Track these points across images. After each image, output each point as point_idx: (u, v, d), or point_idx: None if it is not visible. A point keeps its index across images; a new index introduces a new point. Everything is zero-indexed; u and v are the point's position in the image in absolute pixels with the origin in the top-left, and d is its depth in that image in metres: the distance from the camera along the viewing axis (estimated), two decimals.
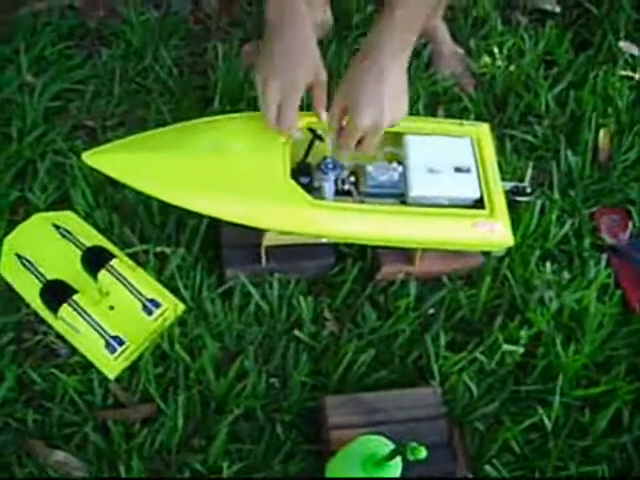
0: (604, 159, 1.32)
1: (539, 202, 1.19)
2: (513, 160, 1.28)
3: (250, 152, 0.97)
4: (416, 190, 0.99)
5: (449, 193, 1.00)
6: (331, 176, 0.99)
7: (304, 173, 1.00)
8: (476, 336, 1.10)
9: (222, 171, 0.94)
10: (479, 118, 1.33)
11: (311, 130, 1.00)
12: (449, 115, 1.32)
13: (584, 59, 1.43)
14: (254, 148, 0.97)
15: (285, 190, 0.94)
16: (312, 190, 0.99)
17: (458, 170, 1.01)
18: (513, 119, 1.35)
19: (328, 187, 0.98)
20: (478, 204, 1.01)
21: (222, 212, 0.94)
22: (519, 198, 1.11)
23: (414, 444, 0.71)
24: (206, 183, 0.94)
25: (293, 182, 0.95)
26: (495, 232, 0.98)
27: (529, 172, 1.21)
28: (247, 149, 0.97)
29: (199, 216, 1.04)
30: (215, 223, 1.08)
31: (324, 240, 1.02)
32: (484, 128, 1.08)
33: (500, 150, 1.28)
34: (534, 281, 1.13)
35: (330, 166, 0.98)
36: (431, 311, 1.12)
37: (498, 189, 1.02)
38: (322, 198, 0.98)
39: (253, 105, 1.30)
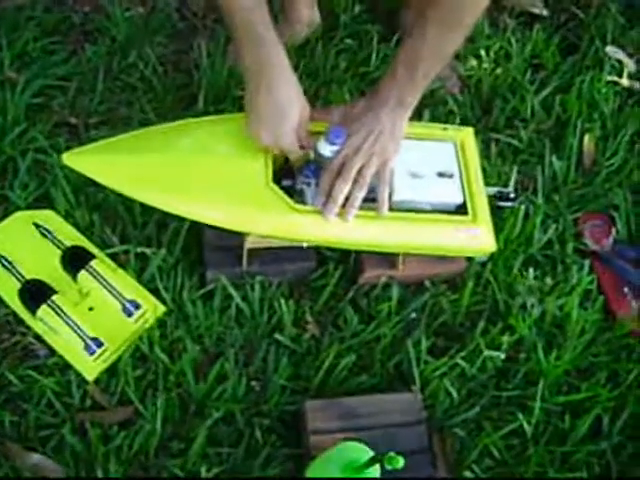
0: (589, 164, 1.32)
1: (523, 207, 1.19)
2: (498, 164, 1.28)
3: (232, 155, 0.96)
4: (399, 195, 0.98)
5: (432, 198, 0.99)
6: (313, 180, 0.98)
7: (287, 176, 0.99)
8: (458, 341, 1.10)
9: (203, 174, 0.94)
10: (465, 121, 1.33)
11: None
12: (434, 118, 1.31)
13: (571, 63, 1.44)
14: (237, 151, 0.96)
15: (266, 194, 0.94)
16: (294, 193, 0.98)
17: (441, 175, 1.01)
18: (499, 123, 1.35)
19: (310, 191, 0.98)
20: (461, 209, 1.00)
21: (202, 216, 0.94)
22: (503, 204, 1.10)
23: (392, 454, 0.71)
24: (186, 186, 0.93)
25: (275, 186, 0.95)
26: (477, 238, 0.98)
27: (513, 177, 1.21)
28: (229, 152, 0.96)
29: (181, 217, 1.03)
30: (197, 224, 1.07)
31: (305, 245, 1.01)
32: (468, 133, 1.08)
33: (485, 154, 1.28)
34: (517, 286, 1.13)
35: (313, 170, 0.98)
36: (413, 315, 1.12)
37: (481, 194, 1.01)
38: (303, 202, 0.97)
39: (237, 104, 1.29)
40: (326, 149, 0.94)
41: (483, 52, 1.42)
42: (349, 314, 1.09)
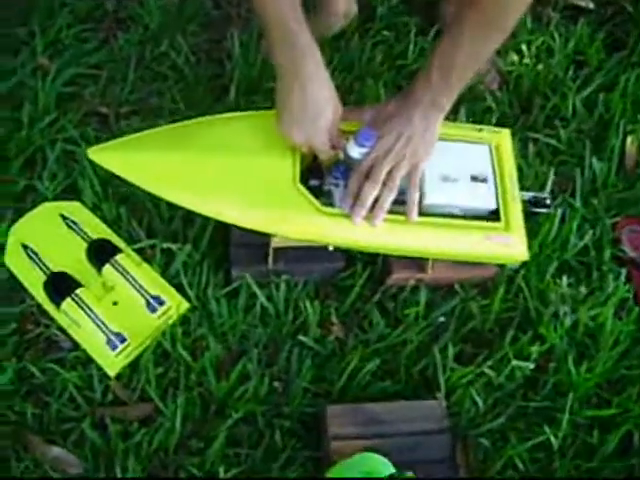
0: (630, 167, 1.28)
1: (560, 211, 1.15)
2: (535, 164, 1.24)
3: (259, 153, 0.94)
4: (430, 198, 0.95)
5: (464, 203, 0.96)
6: (342, 182, 0.95)
7: (315, 175, 0.97)
8: (486, 348, 1.07)
9: (228, 173, 0.92)
10: (502, 118, 1.29)
11: None
12: (471, 114, 1.27)
13: (616, 60, 1.38)
14: (264, 149, 0.94)
15: (293, 195, 0.92)
16: (321, 194, 0.96)
17: (474, 179, 0.98)
18: (538, 121, 1.30)
19: (338, 193, 0.95)
20: (494, 215, 0.97)
21: (226, 215, 0.92)
22: (537, 210, 1.07)
23: (410, 474, 0.69)
24: (211, 185, 0.92)
25: (302, 187, 0.93)
26: (509, 246, 0.95)
27: (550, 180, 1.17)
28: (256, 150, 0.94)
29: None
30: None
31: (330, 247, 0.99)
32: (505, 134, 1.04)
33: (522, 153, 1.24)
34: (549, 294, 1.10)
35: (342, 171, 0.95)
36: (441, 319, 1.10)
37: (516, 200, 0.98)
38: (331, 204, 0.94)
39: (269, 97, 1.25)
40: (355, 151, 0.92)
41: (524, 47, 1.37)
42: (375, 317, 1.07)
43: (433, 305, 1.09)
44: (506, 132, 1.04)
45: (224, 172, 0.92)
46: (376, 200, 0.92)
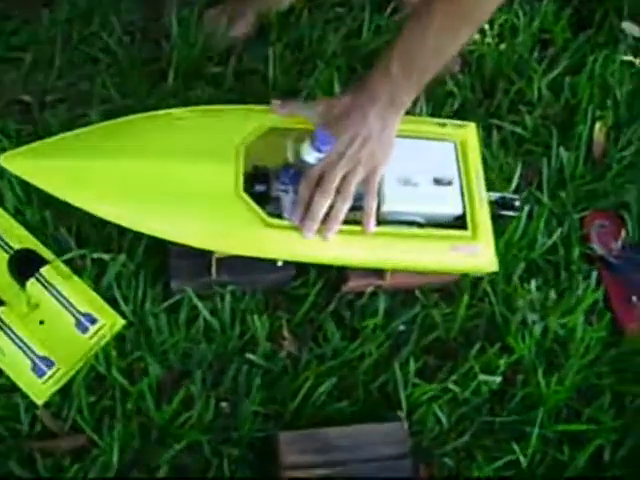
0: (598, 156, 1.20)
1: (526, 207, 1.07)
2: (500, 156, 1.16)
3: (195, 156, 0.83)
4: (389, 205, 0.86)
5: (426, 209, 0.88)
6: (291, 187, 0.86)
7: (260, 180, 0.87)
8: (450, 360, 1.00)
9: (160, 180, 0.81)
10: (465, 104, 1.20)
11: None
12: (431, 100, 1.18)
13: (583, 40, 1.30)
14: (202, 152, 0.83)
15: (236, 206, 0.82)
16: (268, 201, 0.86)
17: (438, 182, 0.89)
18: (502, 107, 1.22)
19: (287, 200, 0.85)
20: (459, 221, 0.89)
21: (158, 231, 0.82)
22: (506, 212, 0.98)
23: None
24: (140, 195, 0.81)
25: (246, 195, 0.82)
26: (477, 256, 0.87)
27: (517, 175, 1.09)
28: (192, 152, 0.83)
29: None
30: None
31: (280, 262, 0.90)
32: (470, 129, 0.95)
33: (486, 142, 1.16)
34: (517, 299, 1.03)
35: (291, 175, 0.85)
36: (401, 327, 1.01)
37: (483, 204, 0.90)
38: (278, 214, 0.85)
39: (212, 83, 1.16)
40: (311, 155, 0.82)
41: (487, 25, 1.27)
42: (330, 328, 0.99)
43: (392, 313, 1.01)
44: (472, 127, 0.95)
45: (153, 179, 0.81)
46: (329, 210, 0.83)
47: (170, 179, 0.82)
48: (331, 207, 0.83)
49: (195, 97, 1.13)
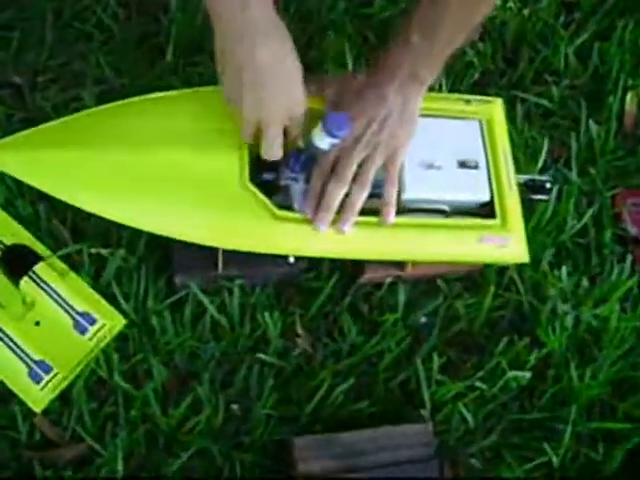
0: (630, 129, 1.12)
1: (555, 187, 0.99)
2: (525, 130, 1.08)
3: (198, 144, 0.76)
4: (410, 192, 0.79)
5: (451, 195, 0.80)
6: (301, 175, 0.78)
7: (267, 167, 0.79)
8: (475, 354, 0.93)
9: (158, 172, 0.74)
10: (486, 75, 1.12)
11: None
12: (450, 73, 1.10)
13: (611, 3, 1.20)
14: (204, 139, 0.76)
15: (242, 197, 0.74)
16: (277, 191, 0.79)
17: (463, 165, 0.81)
18: (526, 77, 1.13)
19: (297, 190, 0.78)
20: (486, 208, 0.81)
21: (159, 228, 0.75)
22: (536, 197, 0.90)
23: None
24: (137, 189, 0.74)
25: (252, 186, 0.75)
26: (507, 248, 0.79)
27: (544, 151, 1.01)
28: (194, 140, 0.76)
29: None
30: None
31: (291, 259, 0.83)
32: (497, 105, 0.87)
33: (509, 116, 1.07)
34: (547, 288, 0.95)
35: (301, 162, 0.78)
36: (423, 319, 0.95)
37: (512, 189, 0.82)
38: (289, 204, 0.77)
39: (214, 59, 1.07)
40: (324, 141, 0.74)
41: None
42: (347, 323, 0.92)
43: (413, 305, 0.95)
44: (498, 103, 0.88)
45: (149, 171, 0.74)
46: (344, 199, 0.76)
47: (168, 170, 0.74)
48: (346, 196, 0.76)
49: (197, 74, 1.05)
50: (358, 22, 1.14)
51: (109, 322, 0.87)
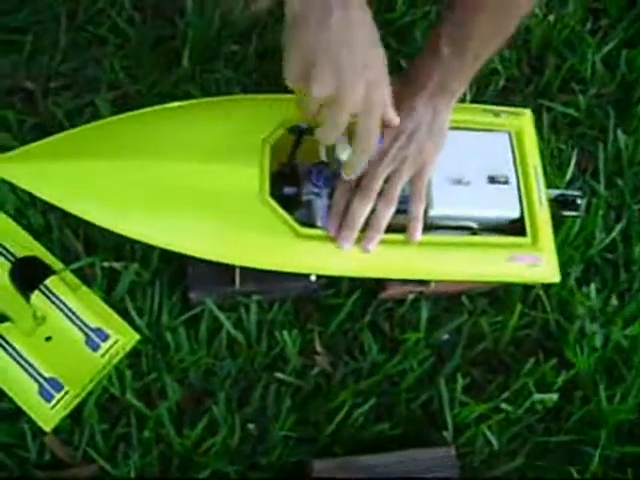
0: None
1: (583, 201, 0.96)
2: (552, 140, 1.04)
3: (216, 157, 0.73)
4: (438, 208, 0.76)
5: (481, 212, 0.77)
6: (325, 190, 0.75)
7: (289, 181, 0.76)
8: (500, 374, 0.90)
9: (174, 186, 0.71)
10: (510, 82, 1.09)
11: (295, 129, 0.76)
12: (473, 80, 1.06)
13: (639, 9, 1.17)
14: (220, 150, 0.73)
15: (261, 214, 0.71)
16: (298, 206, 0.76)
17: (492, 180, 0.78)
18: (552, 85, 1.10)
19: (320, 206, 0.75)
20: (516, 224, 0.78)
21: (173, 244, 0.72)
22: (568, 213, 0.87)
23: None
24: (151, 204, 0.71)
25: (273, 202, 0.72)
26: (537, 267, 0.76)
27: (573, 162, 0.98)
28: (212, 152, 0.73)
29: None
30: None
31: (313, 277, 0.80)
32: (526, 117, 0.84)
33: (536, 126, 1.03)
34: (575, 306, 0.92)
35: (324, 177, 0.74)
36: (445, 336, 0.92)
37: (543, 205, 0.79)
38: (311, 221, 0.74)
39: (232, 64, 1.05)
40: (348, 154, 0.70)
41: None
42: (368, 340, 0.89)
43: (436, 322, 0.91)
44: (528, 114, 0.84)
45: (164, 184, 0.71)
46: (369, 216, 0.72)
47: (184, 183, 0.71)
48: (371, 213, 0.73)
49: (214, 80, 1.02)
50: (378, 27, 1.10)
51: (122, 338, 0.84)
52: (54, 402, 0.81)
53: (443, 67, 0.72)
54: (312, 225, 0.74)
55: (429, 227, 0.76)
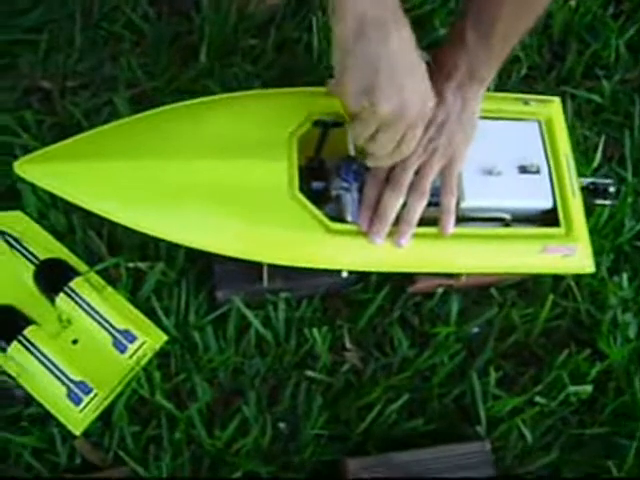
0: None
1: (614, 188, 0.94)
2: (576, 127, 1.02)
3: (241, 153, 0.71)
4: (470, 200, 0.74)
5: (513, 203, 0.75)
6: (354, 185, 0.74)
7: (317, 175, 0.75)
8: (531, 367, 0.88)
9: (200, 183, 0.70)
10: (532, 70, 1.07)
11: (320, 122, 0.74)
12: None
13: None
14: (247, 146, 0.71)
15: (291, 209, 0.70)
16: (327, 201, 0.74)
17: (524, 170, 0.76)
18: (575, 72, 1.08)
19: (350, 200, 0.73)
20: (548, 215, 0.76)
21: (200, 243, 0.71)
22: (598, 201, 0.85)
23: None
24: (176, 202, 0.70)
25: (303, 197, 0.71)
26: (572, 258, 0.74)
27: (600, 149, 0.96)
28: (237, 148, 0.71)
29: None
30: None
31: (345, 273, 0.78)
32: (555, 105, 0.82)
33: None
34: (607, 295, 0.90)
35: (354, 171, 0.73)
36: (475, 329, 0.90)
37: (576, 194, 0.77)
38: (341, 216, 0.73)
39: (250, 58, 1.03)
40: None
41: None
42: (397, 335, 0.88)
43: (465, 315, 0.90)
44: (556, 102, 0.83)
45: (191, 181, 0.70)
46: (401, 210, 0.71)
47: (209, 180, 0.70)
48: (403, 207, 0.71)
49: (233, 75, 1.00)
50: None
51: (149, 339, 0.83)
52: (83, 405, 0.80)
53: (470, 54, 0.70)
54: (342, 220, 0.73)
55: (461, 219, 0.75)
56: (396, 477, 0.79)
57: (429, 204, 0.73)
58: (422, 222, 0.73)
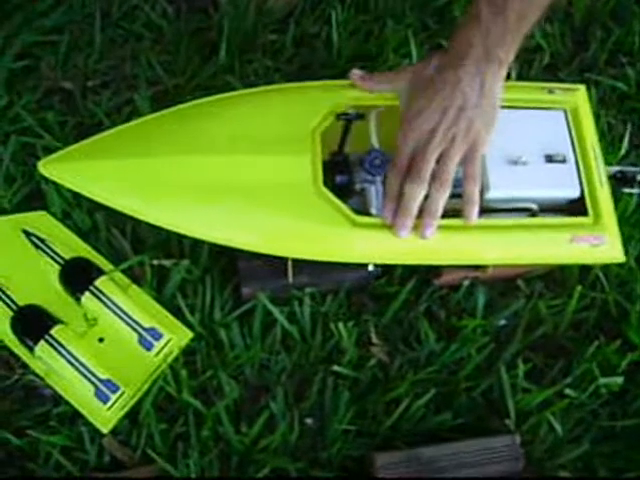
0: None
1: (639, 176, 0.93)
2: (601, 115, 1.01)
3: (264, 148, 0.71)
4: (496, 190, 0.73)
5: (540, 193, 0.74)
6: (378, 178, 0.73)
7: (341, 169, 0.74)
8: (560, 359, 0.87)
9: (225, 179, 0.69)
10: (555, 58, 1.06)
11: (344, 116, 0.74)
12: (517, 57, 1.03)
13: None
14: (270, 141, 0.71)
15: (316, 204, 0.69)
16: (351, 194, 0.74)
17: (550, 159, 0.75)
18: (599, 59, 1.06)
19: (374, 193, 0.73)
20: (576, 205, 0.75)
21: (225, 238, 0.71)
22: (626, 189, 0.84)
23: None
24: (201, 198, 0.70)
25: (327, 191, 0.70)
26: (601, 247, 0.73)
27: (627, 137, 0.94)
28: (261, 143, 0.71)
29: None
30: None
31: (371, 267, 0.78)
32: (581, 94, 0.81)
33: None
34: (635, 285, 0.89)
35: (377, 164, 0.72)
36: (502, 321, 0.89)
37: (603, 183, 0.76)
38: (366, 209, 0.72)
39: (270, 53, 1.03)
40: None
41: None
42: (424, 329, 0.87)
43: (492, 307, 0.89)
44: (582, 90, 0.81)
45: (215, 177, 0.70)
46: (424, 201, 0.70)
47: (233, 176, 0.70)
48: (426, 198, 0.70)
49: (253, 70, 1.00)
50: (417, 8, 1.08)
51: (175, 336, 0.83)
52: (110, 403, 0.80)
53: (484, 31, 0.69)
54: (366, 213, 0.72)
55: (486, 210, 0.74)
56: (424, 471, 0.78)
57: (455, 195, 0.72)
58: (448, 214, 0.72)
